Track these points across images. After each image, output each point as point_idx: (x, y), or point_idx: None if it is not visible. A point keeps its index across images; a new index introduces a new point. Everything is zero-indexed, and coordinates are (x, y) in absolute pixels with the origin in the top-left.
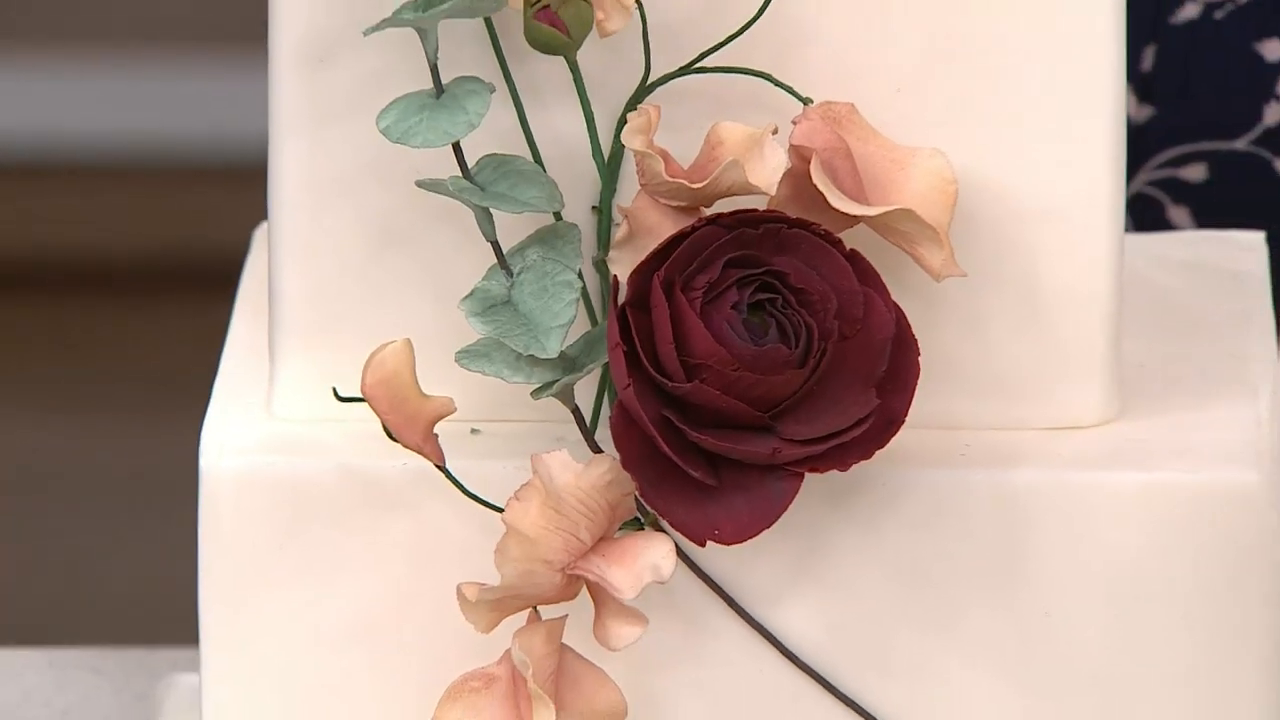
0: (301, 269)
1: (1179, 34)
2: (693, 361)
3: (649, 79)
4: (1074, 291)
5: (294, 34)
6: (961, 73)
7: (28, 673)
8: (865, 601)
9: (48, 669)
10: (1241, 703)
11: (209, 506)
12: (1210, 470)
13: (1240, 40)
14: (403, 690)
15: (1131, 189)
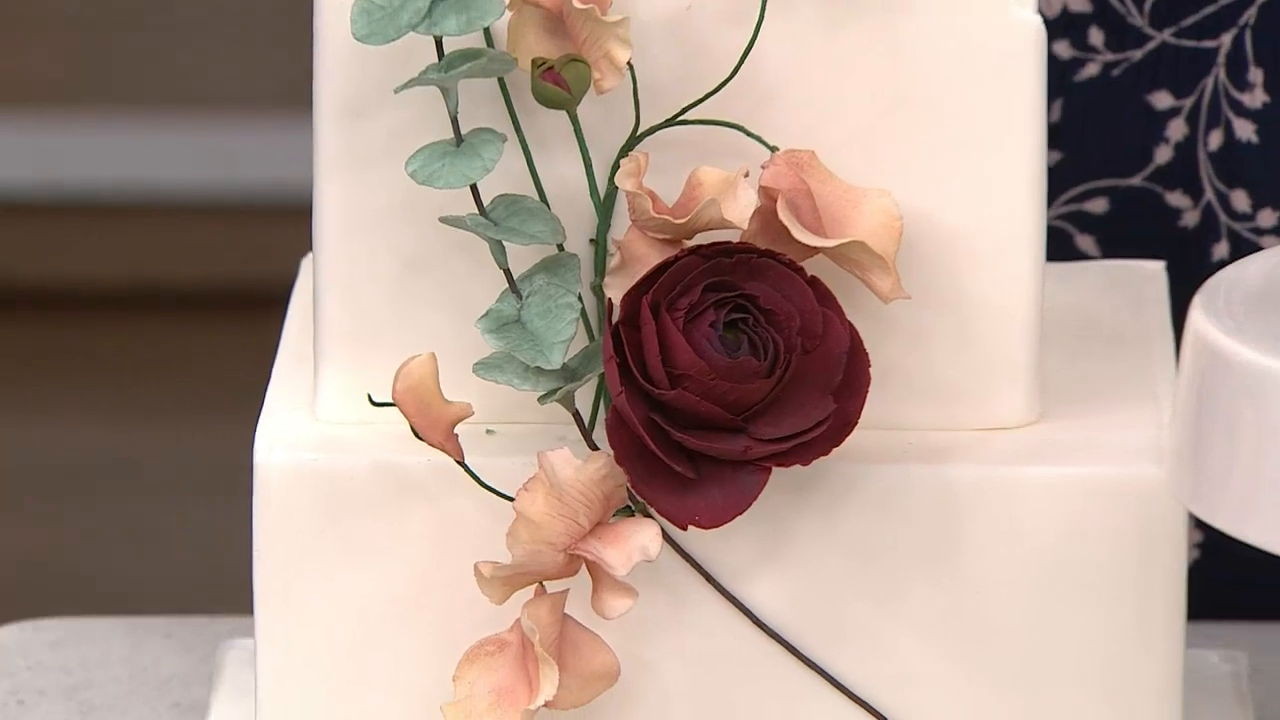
0: (341, 293)
1: (1081, 89)
2: (676, 372)
3: (638, 130)
4: (1001, 311)
5: (334, 93)
6: (905, 125)
7: (109, 637)
8: (823, 578)
9: (127, 634)
10: (1146, 668)
11: (261, 496)
12: (1119, 466)
13: (1133, 93)
14: (428, 652)
15: None
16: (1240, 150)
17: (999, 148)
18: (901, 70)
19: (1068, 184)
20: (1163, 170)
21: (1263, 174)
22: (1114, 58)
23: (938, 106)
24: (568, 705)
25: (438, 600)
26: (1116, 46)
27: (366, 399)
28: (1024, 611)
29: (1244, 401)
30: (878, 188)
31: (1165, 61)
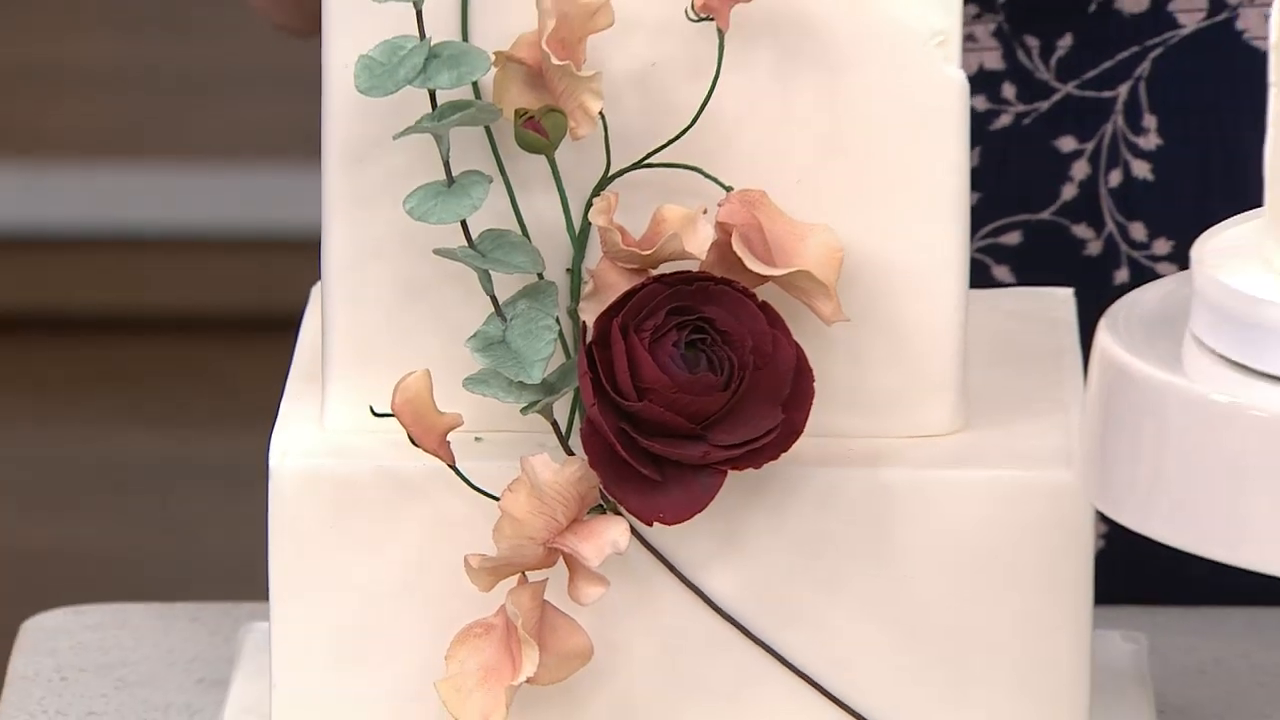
0: (346, 317)
1: (997, 136)
2: (643, 386)
3: (609, 172)
4: (929, 332)
5: (340, 140)
6: (845, 168)
7: (142, 621)
8: (773, 568)
9: (158, 618)
10: (1058, 648)
11: (275, 496)
12: (1034, 469)
13: (1042, 138)
14: (423, 634)
15: None
16: (1137, 187)
17: (928, 188)
18: (842, 120)
19: (986, 220)
20: (1069, 206)
21: (1157, 208)
22: (1025, 108)
23: (874, 152)
24: (546, 681)
25: (432, 588)
26: (1027, 99)
27: (369, 410)
28: (950, 598)
29: (1144, 412)
30: (821, 223)
31: (1069, 110)
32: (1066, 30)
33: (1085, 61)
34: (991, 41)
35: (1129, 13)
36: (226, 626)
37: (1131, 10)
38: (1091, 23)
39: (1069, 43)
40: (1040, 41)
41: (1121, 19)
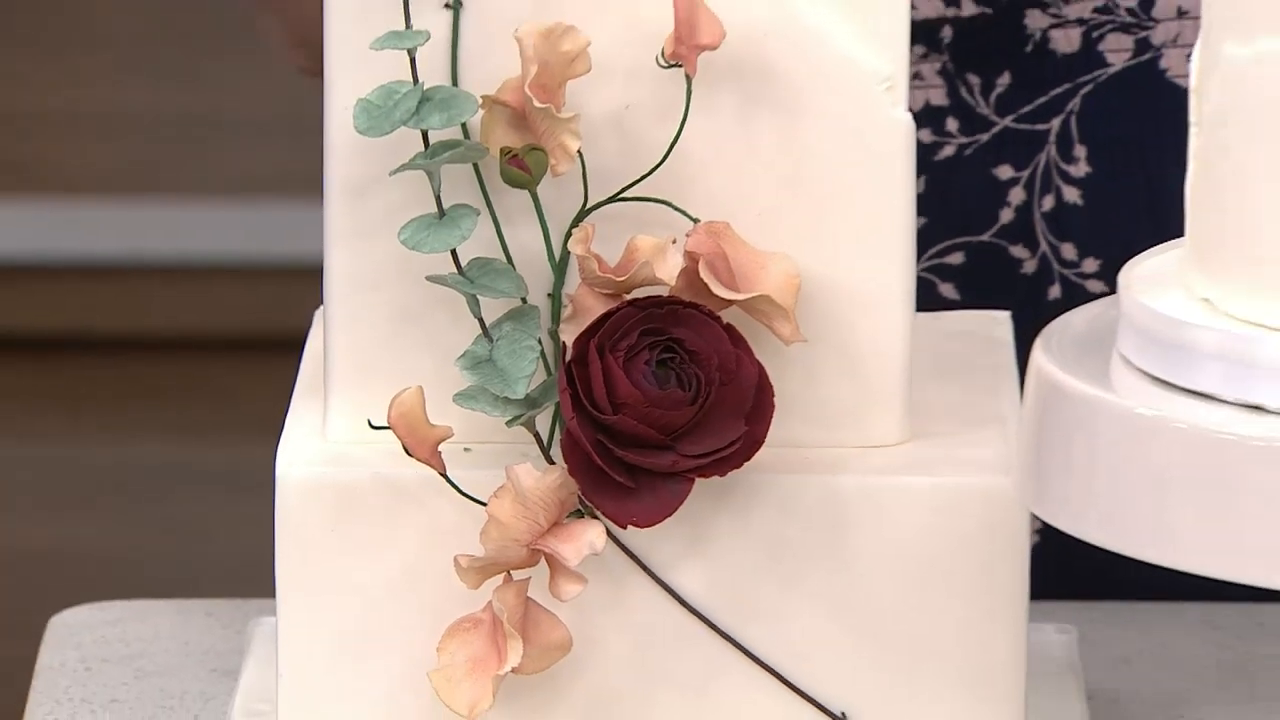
0: (346, 338)
1: (941, 166)
2: (617, 401)
3: (586, 205)
4: (879, 350)
5: (341, 177)
6: (803, 201)
7: (160, 616)
8: (737, 568)
9: (175, 613)
10: (996, 640)
11: (282, 501)
12: (975, 477)
13: (982, 167)
14: (417, 628)
15: None
16: (1068, 211)
17: (877, 220)
18: (800, 158)
19: (931, 242)
20: (1007, 228)
21: (1087, 230)
22: (966, 140)
23: (828, 187)
24: (530, 671)
25: (425, 586)
26: (969, 131)
27: (367, 423)
28: (899, 594)
29: (1076, 425)
30: (780, 252)
31: (1007, 142)
32: (1005, 69)
33: (1021, 98)
34: (937, 80)
35: (1061, 53)
36: (237, 621)
37: (1064, 50)
38: (1028, 62)
39: (1007, 80)
40: (981, 79)
41: (1055, 59)
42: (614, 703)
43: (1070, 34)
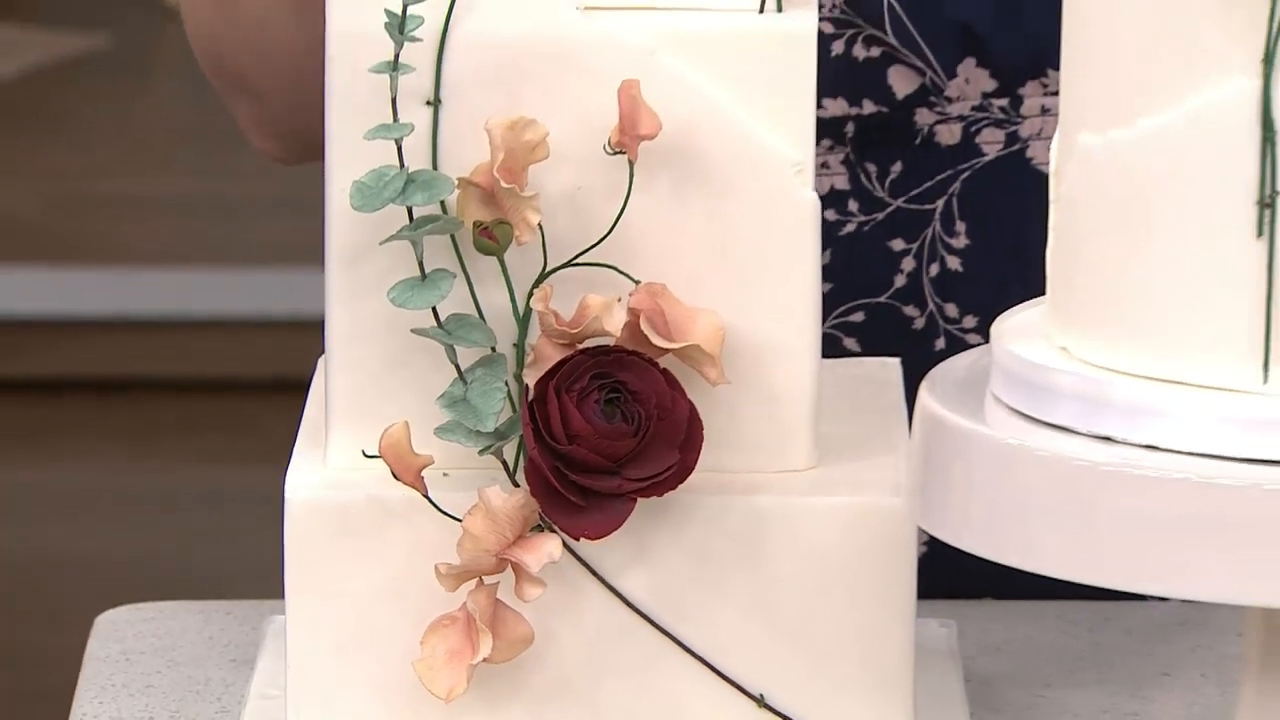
0: (345, 381)
1: (844, 240)
2: (572, 433)
3: (546, 269)
4: (791, 390)
5: (339, 246)
6: (727, 266)
7: (189, 615)
8: (673, 574)
9: (200, 612)
10: (890, 635)
11: (290, 519)
12: (871, 496)
13: (879, 242)
14: (403, 626)
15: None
16: (951, 276)
17: (789, 281)
18: (724, 230)
19: (837, 303)
20: (900, 291)
21: (966, 292)
22: (865, 218)
23: (749, 255)
24: (498, 660)
25: (410, 589)
26: (867, 211)
27: (361, 453)
28: (808, 596)
29: (956, 452)
30: (708, 308)
31: (899, 219)
32: (898, 159)
33: (912, 182)
34: (841, 168)
35: (945, 144)
36: (253, 619)
37: (947, 142)
38: (917, 153)
39: (899, 168)
40: (878, 167)
41: (940, 149)
42: (569, 688)
43: (953, 128)
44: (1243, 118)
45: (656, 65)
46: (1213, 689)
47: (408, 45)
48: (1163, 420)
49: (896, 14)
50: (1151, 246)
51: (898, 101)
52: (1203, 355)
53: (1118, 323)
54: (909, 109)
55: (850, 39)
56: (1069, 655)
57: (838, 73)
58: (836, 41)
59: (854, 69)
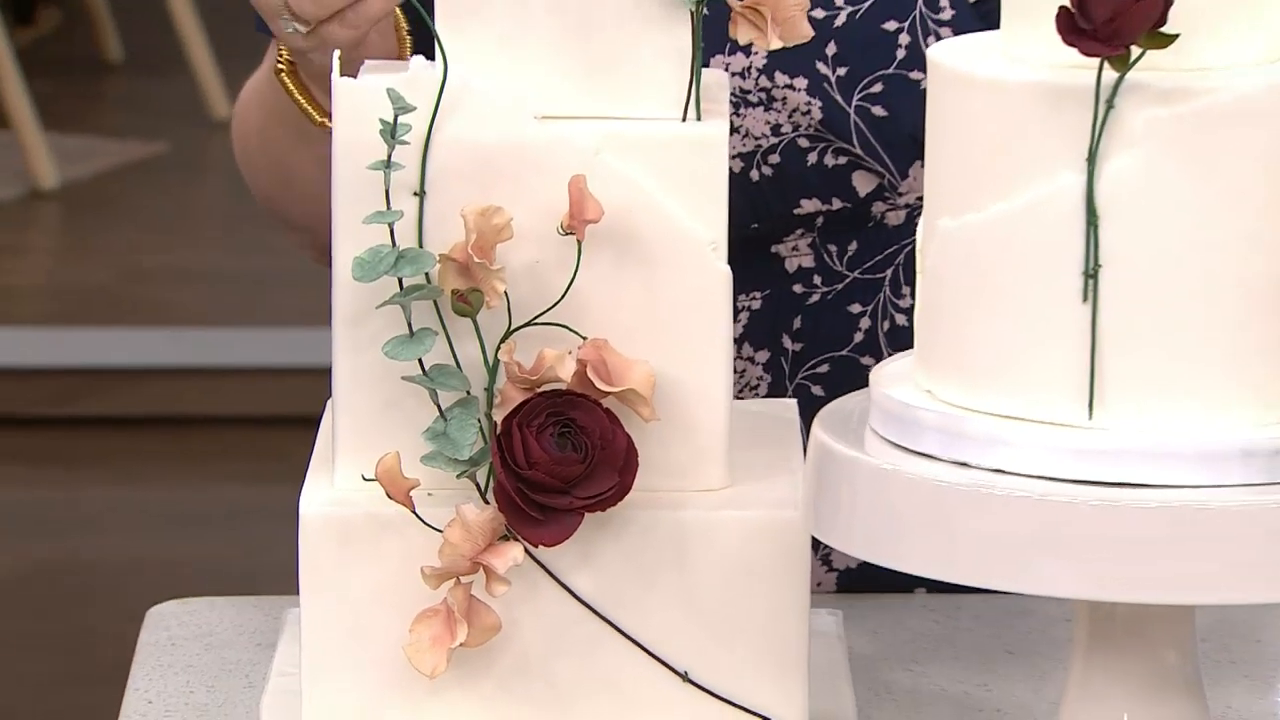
0: (348, 418)
1: (811, 309)
2: (531, 461)
3: (510, 327)
4: (709, 425)
5: (343, 308)
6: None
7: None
8: (613, 574)
9: (231, 605)
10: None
11: (304, 530)
12: (774, 510)
13: (840, 307)
14: (397, 617)
15: None
16: (899, 330)
17: (707, 337)
18: (655, 296)
19: (806, 360)
20: (858, 345)
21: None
22: (827, 289)
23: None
24: (472, 645)
25: (401, 587)
26: (829, 283)
27: (361, 477)
28: (723, 591)
29: (842, 475)
30: (642, 360)
31: (856, 287)
32: (854, 239)
33: (865, 257)
34: (808, 250)
35: (892, 225)
36: (275, 610)
37: (894, 224)
38: (870, 233)
39: (855, 247)
40: (837, 247)
41: (888, 229)
42: (529, 667)
43: (899, 213)
44: (1071, 205)
45: (599, 163)
46: (1047, 664)
47: (398, 148)
48: (1008, 449)
49: (861, 129)
50: (998, 309)
51: (860, 198)
52: (1040, 397)
53: (972, 370)
54: (868, 203)
55: (822, 150)
56: (931, 637)
57: (813, 178)
58: (811, 153)
59: (825, 174)
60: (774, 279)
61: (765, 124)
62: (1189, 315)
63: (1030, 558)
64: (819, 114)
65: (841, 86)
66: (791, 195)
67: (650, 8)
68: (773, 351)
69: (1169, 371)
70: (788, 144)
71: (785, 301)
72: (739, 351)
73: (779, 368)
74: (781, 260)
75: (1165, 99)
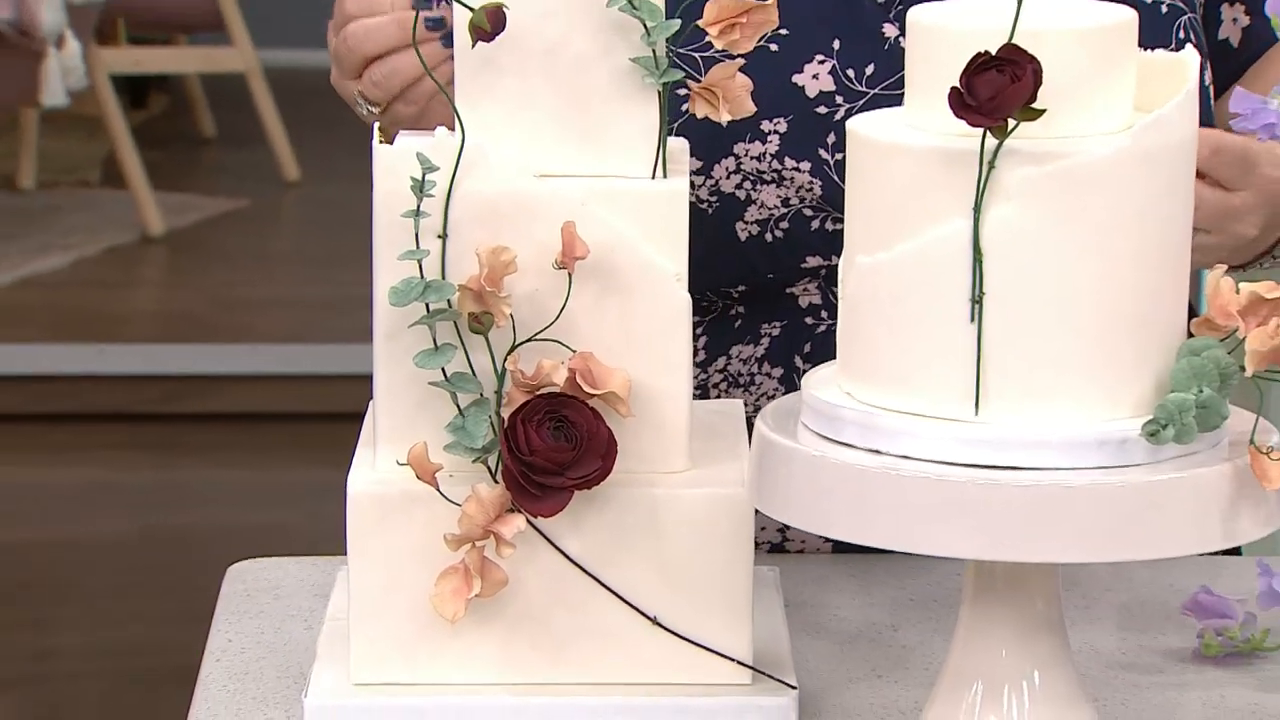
0: (386, 416)
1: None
2: (532, 449)
3: (515, 342)
4: (674, 420)
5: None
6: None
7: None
8: (597, 539)
9: (297, 564)
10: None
11: (351, 504)
12: (726, 488)
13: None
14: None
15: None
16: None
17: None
18: (630, 318)
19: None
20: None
21: None
22: (831, 322)
23: (646, 334)
24: (484, 596)
25: (428, 550)
26: (831, 318)
27: (396, 462)
28: (685, 553)
29: (778, 460)
30: (620, 368)
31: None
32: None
33: None
34: (816, 291)
35: None
36: (330, 568)
37: None
38: None
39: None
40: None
41: None
42: (530, 613)
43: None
44: (960, 246)
45: (586, 212)
46: (943, 610)
47: (425, 200)
48: (911, 439)
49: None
50: (903, 328)
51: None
52: (937, 397)
53: (882, 377)
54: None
55: (824, 218)
56: (850, 588)
57: (816, 240)
58: (814, 220)
59: (825, 236)
60: (789, 313)
61: (777, 198)
62: (1054, 333)
63: (929, 526)
64: (820, 190)
65: (839, 169)
66: (799, 253)
67: (626, 88)
68: (786, 369)
69: (1038, 378)
70: (795, 214)
71: (799, 331)
72: (759, 369)
73: (791, 383)
74: (795, 298)
75: (1035, 161)
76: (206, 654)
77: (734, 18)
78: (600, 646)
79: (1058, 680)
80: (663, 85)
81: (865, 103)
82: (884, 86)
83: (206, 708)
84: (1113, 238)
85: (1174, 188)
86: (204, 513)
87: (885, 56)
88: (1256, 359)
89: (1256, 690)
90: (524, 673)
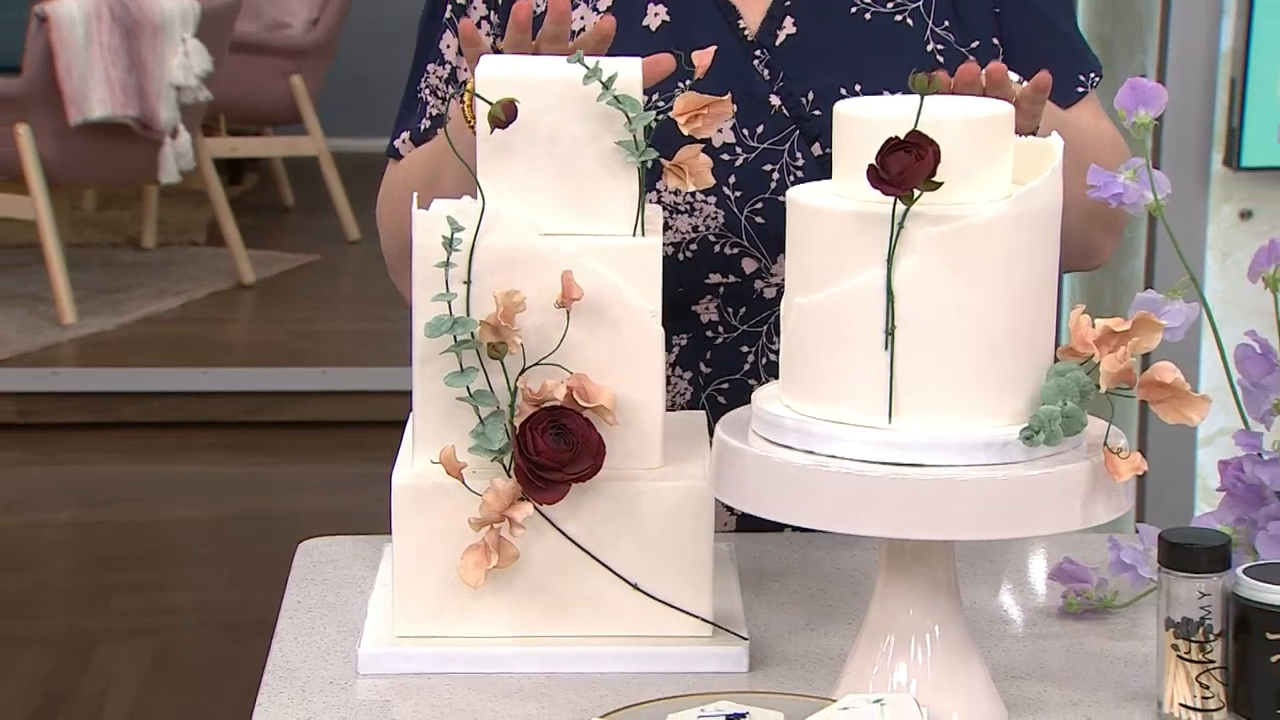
0: (424, 425)
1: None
2: (538, 450)
3: (525, 366)
4: (650, 427)
5: (419, 355)
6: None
7: (347, 544)
8: (591, 524)
9: (353, 543)
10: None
11: (395, 495)
12: (692, 481)
13: (736, 348)
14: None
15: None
16: (773, 365)
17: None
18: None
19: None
20: (747, 372)
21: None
22: (726, 335)
23: (627, 359)
24: (500, 567)
25: (455, 531)
26: (727, 332)
27: (430, 461)
28: (660, 534)
29: (734, 459)
30: (607, 386)
31: (745, 336)
32: (744, 304)
33: (750, 316)
34: (715, 310)
35: (767, 296)
36: (378, 545)
37: (769, 296)
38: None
39: (744, 309)
40: (733, 308)
41: (765, 299)
42: (538, 582)
43: (772, 288)
44: (877, 290)
45: (580, 263)
46: (863, 577)
47: (454, 253)
48: (838, 443)
49: (748, 231)
50: (833, 355)
51: (746, 275)
52: (858, 408)
53: (816, 393)
54: (752, 280)
55: (724, 243)
56: (793, 561)
57: (718, 261)
58: (717, 245)
59: (724, 259)
60: (694, 327)
61: (689, 225)
62: (951, 359)
63: (853, 511)
64: (722, 219)
65: (737, 203)
66: (704, 270)
67: (612, 165)
68: (693, 373)
69: (938, 394)
70: (701, 239)
71: (701, 342)
72: (673, 372)
73: (698, 385)
74: (698, 316)
75: (935, 222)
76: (282, 612)
77: (698, 109)
78: (592, 607)
79: (953, 633)
80: (641, 163)
81: (756, 155)
82: (771, 142)
83: (282, 655)
84: (995, 282)
85: (1043, 244)
86: (281, 500)
87: (772, 120)
88: (1109, 379)
89: (1108, 639)
90: (532, 628)
